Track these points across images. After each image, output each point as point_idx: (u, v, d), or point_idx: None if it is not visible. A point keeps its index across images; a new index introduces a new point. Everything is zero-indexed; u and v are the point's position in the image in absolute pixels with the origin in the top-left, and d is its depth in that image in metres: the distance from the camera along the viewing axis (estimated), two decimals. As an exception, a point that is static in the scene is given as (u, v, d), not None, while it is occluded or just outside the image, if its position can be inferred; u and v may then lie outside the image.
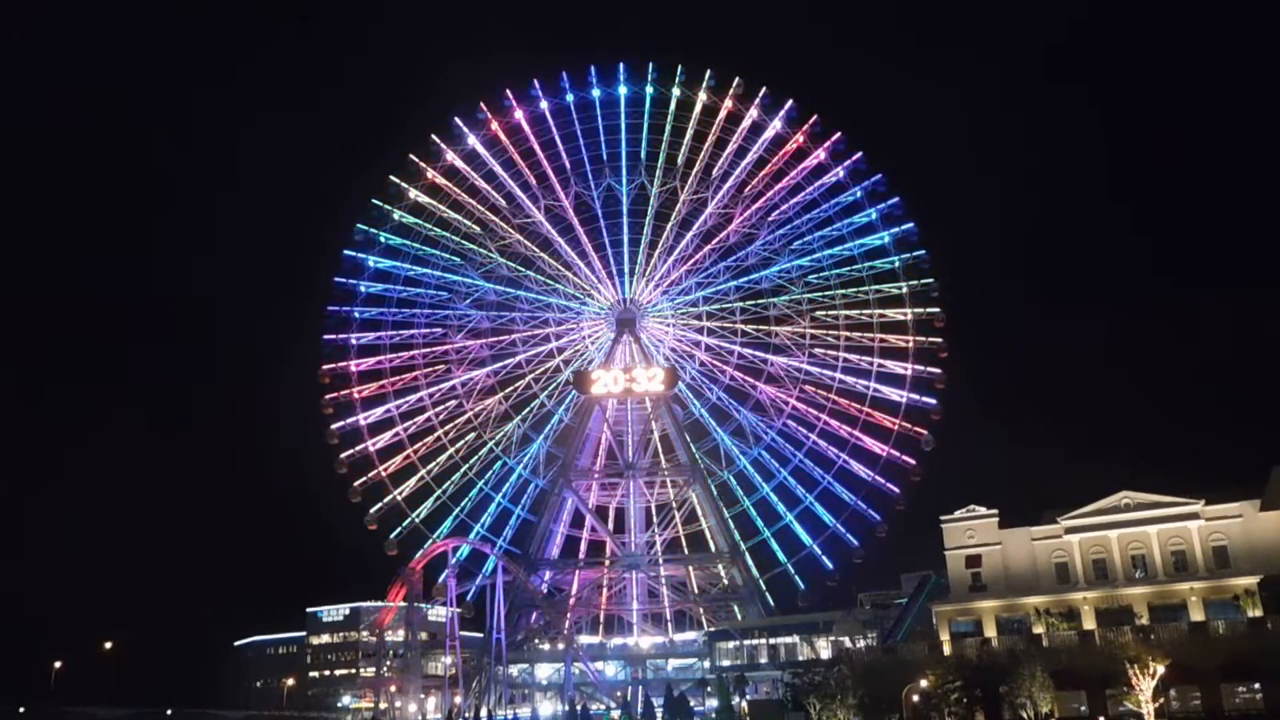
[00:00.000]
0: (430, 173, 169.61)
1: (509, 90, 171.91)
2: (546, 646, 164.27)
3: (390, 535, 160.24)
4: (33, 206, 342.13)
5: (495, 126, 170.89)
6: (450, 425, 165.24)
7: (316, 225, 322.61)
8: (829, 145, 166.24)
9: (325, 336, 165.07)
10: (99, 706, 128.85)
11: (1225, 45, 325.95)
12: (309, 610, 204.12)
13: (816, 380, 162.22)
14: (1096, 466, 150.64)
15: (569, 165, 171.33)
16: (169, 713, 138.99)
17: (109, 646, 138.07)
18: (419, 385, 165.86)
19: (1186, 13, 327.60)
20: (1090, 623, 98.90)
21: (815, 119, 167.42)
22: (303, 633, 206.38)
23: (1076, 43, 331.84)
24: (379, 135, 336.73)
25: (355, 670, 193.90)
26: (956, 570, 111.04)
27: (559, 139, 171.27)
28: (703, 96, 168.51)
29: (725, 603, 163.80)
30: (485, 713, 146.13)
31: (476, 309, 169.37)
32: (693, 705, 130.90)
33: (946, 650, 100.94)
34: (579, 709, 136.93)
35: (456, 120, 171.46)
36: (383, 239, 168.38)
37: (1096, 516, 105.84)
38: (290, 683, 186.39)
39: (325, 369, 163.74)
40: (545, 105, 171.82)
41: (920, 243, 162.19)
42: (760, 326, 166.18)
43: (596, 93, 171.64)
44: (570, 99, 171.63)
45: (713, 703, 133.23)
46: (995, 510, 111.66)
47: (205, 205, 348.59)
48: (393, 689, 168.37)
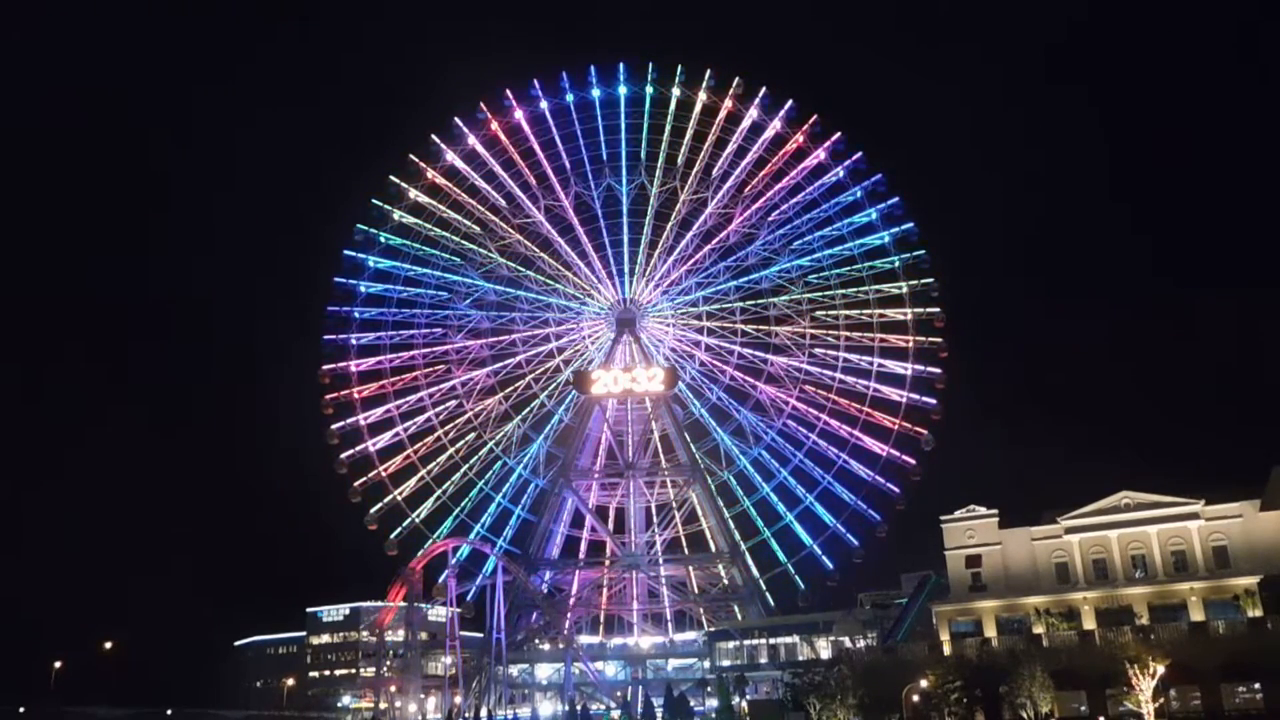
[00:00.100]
0: (430, 173, 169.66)
1: (509, 90, 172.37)
2: (546, 646, 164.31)
3: (390, 535, 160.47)
4: (33, 206, 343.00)
5: (495, 126, 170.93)
6: (450, 425, 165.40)
7: (316, 225, 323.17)
8: (829, 145, 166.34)
9: (325, 336, 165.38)
10: (99, 706, 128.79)
11: (1225, 45, 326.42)
12: (309, 610, 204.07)
13: (816, 380, 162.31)
14: (1096, 466, 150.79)
15: (569, 165, 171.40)
16: (169, 713, 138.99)
17: (109, 646, 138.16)
18: (419, 385, 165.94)
19: (1186, 13, 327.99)
20: (1090, 623, 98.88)
21: (815, 119, 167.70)
22: (303, 633, 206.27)
23: (1076, 43, 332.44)
24: (379, 135, 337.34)
25: (355, 670, 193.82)
26: (956, 570, 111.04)
27: (559, 139, 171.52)
28: (703, 96, 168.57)
29: (725, 603, 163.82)
30: (485, 713, 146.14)
31: (476, 309, 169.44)
32: (693, 705, 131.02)
33: (946, 650, 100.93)
34: (579, 709, 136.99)
35: (456, 120, 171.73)
36: (383, 239, 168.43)
37: (1096, 516, 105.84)
38: (290, 683, 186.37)
39: (325, 369, 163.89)
40: (545, 105, 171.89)
41: (920, 243, 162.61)
42: (760, 326, 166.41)
43: (596, 93, 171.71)
44: (570, 99, 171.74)
45: (713, 703, 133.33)
46: (995, 510, 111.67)
47: (205, 205, 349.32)
48: (393, 689, 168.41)
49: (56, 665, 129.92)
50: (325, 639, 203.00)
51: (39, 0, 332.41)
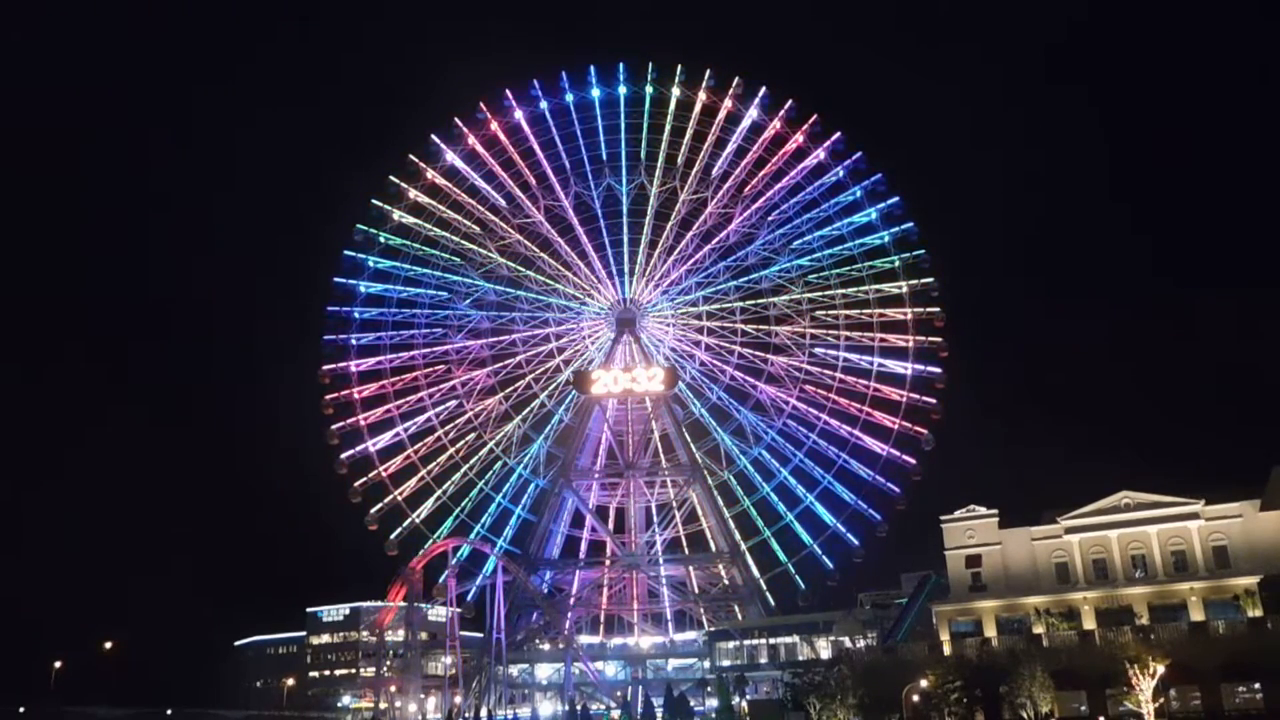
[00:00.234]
0: (430, 173, 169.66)
1: (509, 90, 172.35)
2: (546, 646, 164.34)
3: (390, 535, 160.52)
4: (33, 206, 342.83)
5: (495, 127, 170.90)
6: (450, 425, 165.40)
7: (316, 225, 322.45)
8: (828, 145, 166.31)
9: (325, 337, 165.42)
10: (99, 706, 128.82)
11: (1225, 45, 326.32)
12: (309, 610, 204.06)
13: (816, 380, 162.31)
14: (1096, 466, 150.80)
15: (569, 165, 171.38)
16: (169, 713, 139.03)
17: (109, 646, 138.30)
18: (419, 385, 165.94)
19: (1186, 13, 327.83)
20: (1090, 623, 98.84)
21: (815, 118, 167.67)
22: (303, 633, 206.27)
23: (1076, 43, 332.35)
24: (379, 135, 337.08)
25: (355, 670, 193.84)
26: (956, 570, 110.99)
27: (559, 139, 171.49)
28: (702, 96, 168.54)
29: (725, 603, 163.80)
30: (485, 713, 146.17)
31: (476, 309, 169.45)
32: (693, 705, 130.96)
33: (946, 650, 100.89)
34: (579, 709, 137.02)
35: (456, 120, 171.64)
36: (383, 239, 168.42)
37: (1096, 516, 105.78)
38: (290, 683, 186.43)
39: (325, 369, 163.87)
40: (545, 105, 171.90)
41: (920, 242, 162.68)
42: (760, 326, 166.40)
43: (596, 93, 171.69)
44: (570, 99, 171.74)
45: (713, 703, 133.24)
46: (995, 510, 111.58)
47: (205, 205, 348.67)
48: (393, 689, 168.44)
49: (56, 665, 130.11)
50: (325, 639, 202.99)
51: (39, 0, 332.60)
